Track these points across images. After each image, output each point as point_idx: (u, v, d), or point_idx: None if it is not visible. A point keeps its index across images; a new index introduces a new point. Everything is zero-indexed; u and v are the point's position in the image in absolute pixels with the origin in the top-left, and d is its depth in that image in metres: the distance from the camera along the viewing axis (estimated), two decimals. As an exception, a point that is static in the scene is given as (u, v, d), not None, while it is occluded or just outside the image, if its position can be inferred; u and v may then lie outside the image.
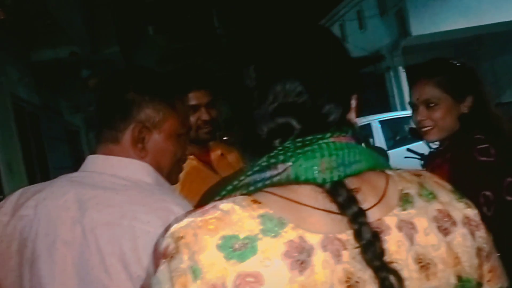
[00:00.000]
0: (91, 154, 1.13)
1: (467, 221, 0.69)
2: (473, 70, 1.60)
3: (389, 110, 11.34)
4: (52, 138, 7.25)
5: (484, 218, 1.23)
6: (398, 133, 8.81)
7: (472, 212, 0.71)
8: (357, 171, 0.65)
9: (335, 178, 0.62)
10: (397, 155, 6.87)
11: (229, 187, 0.66)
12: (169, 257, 0.60)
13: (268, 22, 0.79)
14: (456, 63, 1.61)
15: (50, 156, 6.99)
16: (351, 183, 0.64)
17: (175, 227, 0.62)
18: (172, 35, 16.36)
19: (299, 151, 0.63)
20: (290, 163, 0.62)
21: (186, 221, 0.62)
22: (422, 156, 5.42)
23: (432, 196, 0.69)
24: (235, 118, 0.74)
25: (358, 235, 0.60)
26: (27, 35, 6.02)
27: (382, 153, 1.98)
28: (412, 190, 0.69)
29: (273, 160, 0.63)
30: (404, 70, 12.32)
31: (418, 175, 0.73)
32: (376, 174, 0.69)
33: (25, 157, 5.88)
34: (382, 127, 8.52)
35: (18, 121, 5.87)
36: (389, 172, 0.71)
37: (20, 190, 1.10)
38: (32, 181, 6.09)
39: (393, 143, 8.31)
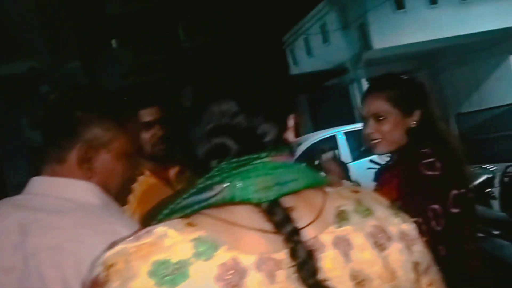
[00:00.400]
0: (35, 175, 1.08)
1: (403, 236, 0.70)
2: (422, 86, 1.64)
3: (354, 122, 11.53)
4: (11, 155, 7.03)
5: (433, 232, 1.28)
6: (362, 144, 8.94)
7: (408, 227, 0.72)
8: (294, 189, 0.65)
9: (271, 198, 0.63)
10: (361, 166, 6.97)
11: (166, 211, 0.65)
12: (99, 287, 0.59)
13: (227, 36, 0.80)
14: (406, 78, 1.66)
15: (9, 174, 6.78)
16: (287, 202, 0.64)
17: (107, 255, 0.61)
18: (137, 49, 16.23)
19: (234, 171, 0.63)
20: (226, 184, 0.62)
21: (118, 247, 0.61)
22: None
23: (368, 212, 0.70)
24: (173, 138, 0.75)
25: (293, 254, 0.60)
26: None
27: (343, 165, 2.03)
28: (349, 206, 0.70)
29: (209, 182, 0.63)
30: (367, 83, 12.58)
31: (356, 192, 0.74)
32: (314, 192, 0.69)
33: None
34: (347, 139, 8.66)
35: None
36: (327, 189, 0.72)
37: None
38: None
39: (358, 154, 8.45)
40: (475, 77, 12.71)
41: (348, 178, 2.14)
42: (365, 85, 12.56)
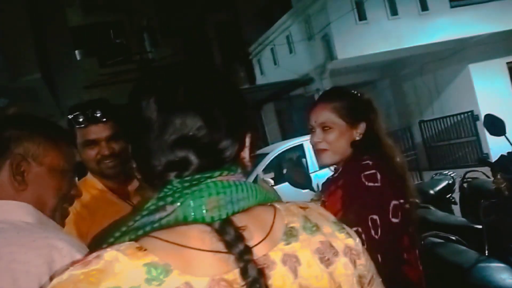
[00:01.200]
0: None
1: (348, 250, 0.72)
2: (369, 100, 1.70)
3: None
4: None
5: (372, 240, 1.33)
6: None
7: (353, 242, 0.74)
8: (245, 207, 0.66)
9: (223, 216, 0.63)
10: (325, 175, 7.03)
11: (117, 234, 0.64)
12: None
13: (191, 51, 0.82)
14: (353, 92, 1.70)
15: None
16: (239, 220, 0.65)
17: (56, 280, 0.60)
18: (101, 59, 15.99)
19: (186, 191, 0.63)
20: (178, 204, 0.62)
21: (67, 274, 0.60)
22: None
23: (315, 229, 0.72)
24: (130, 150, 0.73)
25: (243, 273, 0.61)
26: None
27: (305, 175, 2.05)
28: (297, 223, 0.71)
29: (161, 203, 0.63)
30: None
31: (304, 208, 0.75)
32: (265, 209, 0.71)
33: None
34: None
35: None
36: (277, 206, 0.74)
37: None
38: None
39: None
40: (436, 86, 13.09)
41: (311, 188, 2.15)
42: (330, 94, 12.74)
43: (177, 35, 17.09)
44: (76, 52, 13.33)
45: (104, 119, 1.75)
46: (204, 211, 0.63)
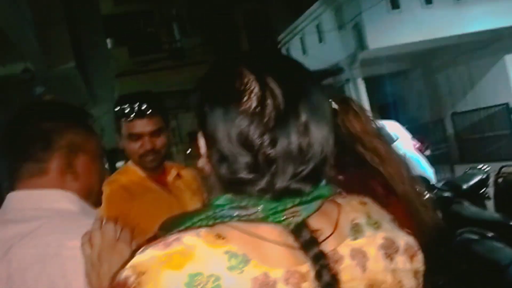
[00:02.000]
0: (10, 191, 1.07)
1: (407, 247, 0.74)
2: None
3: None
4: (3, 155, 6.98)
5: None
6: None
7: (411, 240, 0.76)
8: (317, 208, 0.67)
9: (299, 221, 0.64)
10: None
11: (195, 219, 0.65)
12: None
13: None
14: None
15: (3, 177, 6.73)
16: (311, 219, 0.66)
17: (137, 259, 0.61)
18: (132, 48, 16.19)
19: (268, 196, 0.64)
20: (259, 208, 0.64)
21: (148, 253, 0.61)
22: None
23: (377, 225, 0.73)
24: (210, 154, 0.68)
25: (318, 276, 0.63)
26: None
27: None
28: (361, 220, 0.73)
29: (244, 203, 0.64)
30: (363, 82, 12.59)
31: (364, 204, 0.77)
32: (329, 204, 0.71)
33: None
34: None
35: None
36: (339, 201, 0.74)
37: None
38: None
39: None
40: (470, 77, 12.75)
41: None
42: (360, 84, 12.58)
43: (205, 24, 17.13)
44: (108, 41, 13.53)
45: (150, 114, 1.77)
46: (283, 217, 0.64)
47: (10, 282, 0.95)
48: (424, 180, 7.79)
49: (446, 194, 4.42)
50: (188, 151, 14.92)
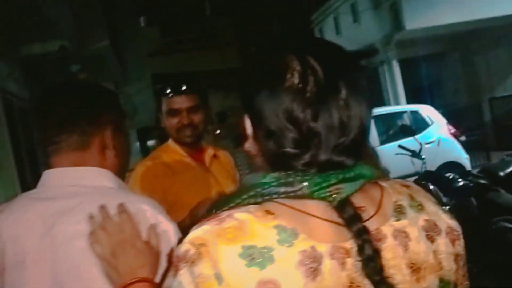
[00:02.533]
0: (46, 168, 1.08)
1: (449, 230, 0.76)
2: None
3: (382, 105, 11.33)
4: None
5: None
6: (390, 128, 8.79)
7: (455, 223, 0.78)
8: (359, 187, 0.70)
9: (343, 197, 0.68)
10: (389, 151, 6.87)
11: (244, 196, 0.69)
12: (189, 262, 0.64)
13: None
14: None
15: (41, 151, 6.93)
16: (354, 198, 0.69)
17: (194, 234, 0.66)
18: (164, 28, 16.25)
19: (312, 175, 0.68)
20: (305, 184, 0.67)
21: (204, 229, 0.66)
22: (412, 153, 5.47)
23: (420, 207, 0.76)
24: (260, 134, 0.72)
25: (360, 250, 0.66)
26: (16, 30, 5.95)
27: (374, 153, 2.03)
28: (404, 201, 0.76)
29: (291, 179, 0.68)
30: (398, 64, 12.30)
31: (407, 187, 0.80)
32: (372, 186, 0.74)
33: (15, 153, 5.84)
34: (375, 122, 8.48)
35: (7, 116, 5.81)
36: (382, 183, 0.77)
37: None
38: (22, 177, 6.04)
39: (385, 139, 8.30)
40: (510, 61, 12.26)
41: (378, 165, 2.11)
42: (395, 66, 12.29)
43: (237, 4, 17.01)
44: (140, 19, 13.62)
45: (187, 91, 1.92)
46: (328, 193, 0.67)
47: (55, 258, 0.96)
48: (459, 166, 7.64)
49: (482, 181, 4.32)
50: (217, 131, 15.01)
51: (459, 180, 4.33)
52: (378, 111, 8.88)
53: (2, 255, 0.98)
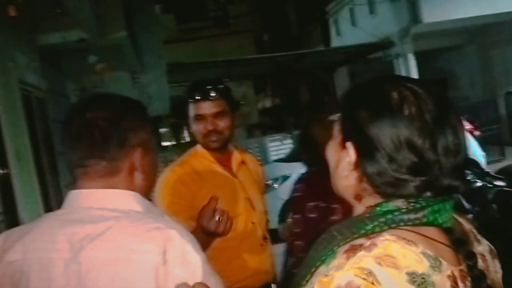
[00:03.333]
0: (72, 189, 1.06)
1: (494, 253, 0.85)
2: None
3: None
4: (59, 122, 7.24)
5: (295, 233, 2.06)
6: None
7: (492, 247, 0.87)
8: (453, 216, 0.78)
9: (450, 224, 0.76)
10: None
11: (369, 226, 0.72)
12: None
13: None
14: None
15: (57, 141, 7.00)
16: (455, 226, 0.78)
17: (354, 265, 0.66)
18: (179, 15, 16.18)
19: (434, 202, 0.74)
20: (427, 210, 0.73)
21: (360, 257, 0.67)
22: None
23: (479, 235, 0.85)
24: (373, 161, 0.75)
25: (470, 270, 0.74)
26: (35, 20, 5.96)
27: None
28: (473, 230, 0.85)
29: (416, 206, 0.73)
30: (414, 58, 12.15)
31: (462, 216, 0.87)
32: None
33: (32, 143, 5.88)
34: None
35: (25, 106, 5.85)
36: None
37: (4, 234, 1.04)
38: (39, 167, 6.11)
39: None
40: (528, 55, 12.06)
41: None
42: (411, 60, 12.15)
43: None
44: (156, 6, 13.55)
45: (214, 97, 1.92)
46: (444, 219, 0.74)
47: (82, 284, 0.95)
48: (474, 164, 7.55)
49: (500, 183, 4.27)
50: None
51: (477, 181, 4.28)
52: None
53: (27, 280, 0.96)
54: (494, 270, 0.83)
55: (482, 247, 0.82)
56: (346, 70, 14.83)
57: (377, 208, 0.74)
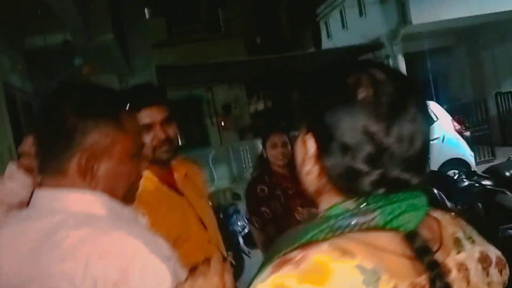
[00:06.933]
0: (38, 186, 1.02)
1: (498, 260, 0.77)
2: None
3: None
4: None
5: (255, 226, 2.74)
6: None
7: (500, 253, 0.78)
8: (423, 217, 0.69)
9: (412, 228, 0.67)
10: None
11: (310, 234, 0.65)
12: None
13: None
14: None
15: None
16: (420, 228, 0.68)
17: (273, 281, 0.62)
18: (169, 19, 16.14)
19: (387, 201, 0.66)
20: (377, 213, 0.66)
21: (283, 275, 0.62)
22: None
23: (472, 240, 0.76)
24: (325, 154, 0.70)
25: (432, 283, 0.65)
26: (20, 22, 5.90)
27: None
28: (459, 233, 0.76)
29: (363, 208, 0.66)
30: (403, 59, 12.19)
31: (455, 218, 0.79)
32: (428, 217, 0.71)
33: (17, 146, 5.81)
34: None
35: (10, 110, 5.78)
36: (434, 214, 0.76)
37: None
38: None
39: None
40: (517, 55, 12.13)
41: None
42: (401, 61, 12.18)
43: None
44: (146, 10, 13.50)
45: (160, 101, 1.70)
46: (401, 222, 0.66)
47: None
48: (463, 164, 7.57)
49: (487, 182, 4.27)
50: (222, 123, 14.95)
51: (464, 180, 4.28)
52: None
53: None
54: (484, 280, 0.73)
55: (466, 254, 0.73)
56: (337, 72, 14.80)
57: (329, 211, 0.68)
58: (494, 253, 0.77)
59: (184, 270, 0.93)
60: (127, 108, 1.06)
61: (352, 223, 0.65)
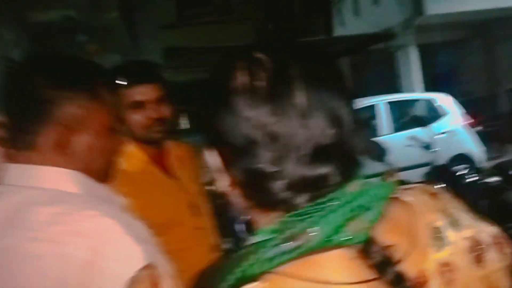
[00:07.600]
0: (9, 161, 0.95)
1: (496, 240, 0.63)
2: None
3: (395, 91, 11.07)
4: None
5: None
6: (404, 116, 8.58)
7: (497, 229, 0.64)
8: (379, 214, 0.55)
9: (363, 238, 0.53)
10: (399, 140, 6.70)
11: (238, 274, 0.53)
12: None
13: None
14: None
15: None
16: (377, 231, 0.54)
17: None
18: (180, 0, 15.97)
19: (319, 213, 0.53)
20: (311, 231, 0.53)
21: None
22: (425, 146, 5.32)
23: (456, 223, 0.61)
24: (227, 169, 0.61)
25: None
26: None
27: (379, 148, 1.84)
28: (440, 221, 0.60)
29: (290, 231, 0.53)
30: (416, 50, 11.97)
31: (435, 195, 0.63)
32: (394, 206, 0.59)
33: None
34: (390, 109, 8.23)
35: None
36: (405, 198, 0.61)
37: None
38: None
39: (399, 126, 8.10)
40: (534, 51, 11.86)
41: (384, 161, 2.00)
42: (412, 52, 11.96)
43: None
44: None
45: (154, 79, 1.66)
46: (346, 235, 0.53)
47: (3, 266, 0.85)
48: (468, 160, 7.43)
49: (494, 179, 4.15)
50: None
51: (470, 177, 4.16)
52: (393, 98, 8.66)
53: None
54: (477, 275, 0.59)
55: (450, 248, 0.59)
56: (348, 61, 14.64)
57: (255, 237, 0.56)
58: (488, 233, 0.63)
59: (164, 256, 0.90)
60: (113, 82, 1.04)
61: (285, 250, 0.52)
